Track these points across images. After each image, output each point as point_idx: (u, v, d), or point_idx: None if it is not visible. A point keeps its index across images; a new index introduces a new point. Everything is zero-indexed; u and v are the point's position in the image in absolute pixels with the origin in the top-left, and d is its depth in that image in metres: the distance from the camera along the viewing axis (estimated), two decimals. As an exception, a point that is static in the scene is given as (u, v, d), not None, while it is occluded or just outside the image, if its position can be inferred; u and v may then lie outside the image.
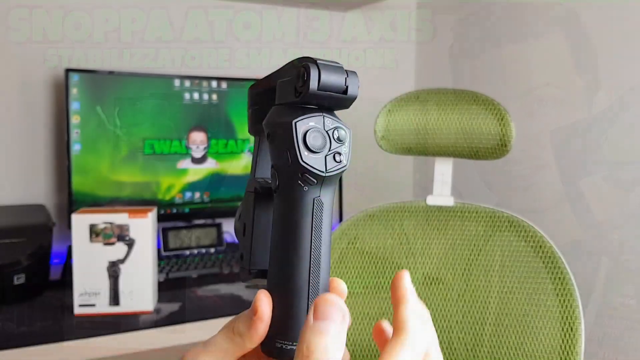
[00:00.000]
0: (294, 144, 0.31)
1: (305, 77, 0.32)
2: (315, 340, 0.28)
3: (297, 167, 0.32)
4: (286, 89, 0.33)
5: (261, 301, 0.31)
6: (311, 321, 0.29)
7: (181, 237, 1.48)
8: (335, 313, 0.28)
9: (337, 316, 0.28)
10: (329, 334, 0.28)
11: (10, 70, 1.43)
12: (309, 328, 0.28)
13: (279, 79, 0.34)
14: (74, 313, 1.08)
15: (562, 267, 0.88)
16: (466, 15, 1.68)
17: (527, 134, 1.44)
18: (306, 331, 0.28)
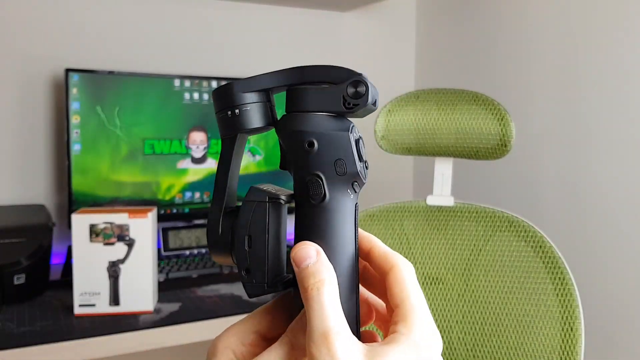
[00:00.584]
0: (350, 153, 0.33)
1: (364, 90, 0.33)
2: (303, 279, 0.31)
3: (352, 176, 0.33)
4: (326, 99, 0.34)
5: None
6: (297, 270, 0.32)
7: (181, 237, 1.48)
8: (308, 251, 0.32)
9: (312, 252, 0.32)
10: (309, 267, 0.32)
11: (10, 70, 1.43)
12: (297, 275, 0.32)
13: (290, 84, 0.35)
14: (74, 313, 1.08)
15: (562, 267, 0.88)
16: (466, 15, 1.68)
17: (527, 134, 1.44)
18: (297, 278, 0.32)
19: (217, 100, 0.35)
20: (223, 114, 0.35)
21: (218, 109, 0.35)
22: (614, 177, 1.24)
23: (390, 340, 0.31)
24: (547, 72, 1.41)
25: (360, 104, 0.33)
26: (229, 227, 0.34)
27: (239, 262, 0.34)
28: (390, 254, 0.34)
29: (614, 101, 1.24)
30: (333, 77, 0.34)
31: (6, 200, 1.43)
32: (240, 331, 0.34)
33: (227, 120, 0.35)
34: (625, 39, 1.22)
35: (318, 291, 0.31)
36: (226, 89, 0.34)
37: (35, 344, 0.97)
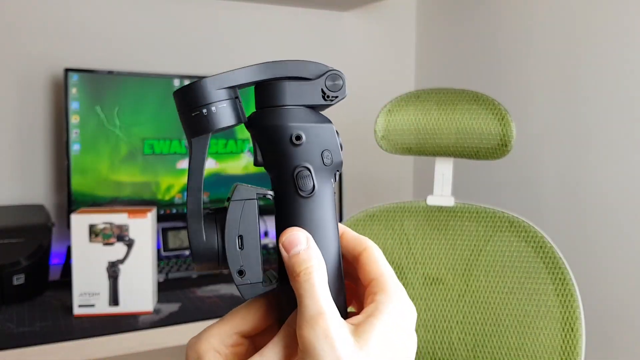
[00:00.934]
0: (336, 144, 0.34)
1: (341, 82, 0.35)
2: (294, 265, 0.32)
3: (337, 166, 0.34)
4: (305, 92, 0.34)
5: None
6: (286, 257, 0.32)
7: (181, 237, 1.48)
8: (298, 237, 0.33)
9: (302, 238, 0.32)
10: (300, 253, 0.32)
11: (10, 69, 1.43)
12: (286, 261, 0.32)
13: (264, 79, 0.34)
14: (74, 313, 1.07)
15: (562, 267, 0.88)
16: (466, 15, 1.68)
17: (528, 134, 1.44)
18: (285, 261, 0.33)
19: (186, 99, 0.34)
20: (196, 113, 0.33)
21: (187, 108, 0.34)
22: (614, 177, 1.24)
23: (373, 311, 0.32)
24: (547, 72, 1.41)
25: (339, 96, 0.35)
26: (213, 231, 0.34)
27: (232, 264, 0.33)
28: (361, 237, 0.36)
29: (614, 101, 1.24)
30: (307, 71, 0.35)
31: (5, 200, 1.43)
32: (221, 333, 0.34)
33: (200, 119, 0.33)
34: (626, 39, 1.21)
35: (310, 276, 0.31)
36: (198, 87, 0.33)
37: (35, 344, 0.97)
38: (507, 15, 1.53)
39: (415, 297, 0.96)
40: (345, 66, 1.89)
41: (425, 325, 0.95)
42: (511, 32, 1.52)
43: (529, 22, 1.46)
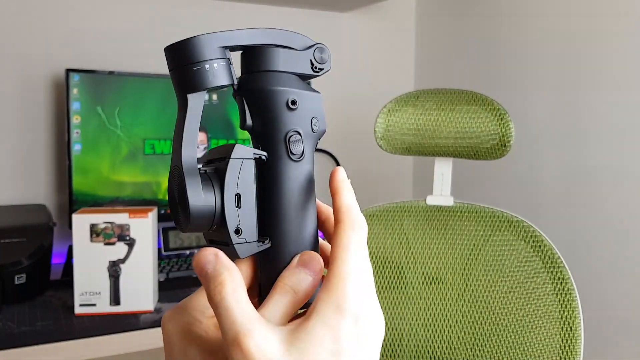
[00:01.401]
0: (323, 113, 0.36)
1: (327, 56, 0.36)
2: (206, 285, 0.30)
3: (321, 133, 0.36)
4: (297, 61, 0.36)
5: (319, 259, 0.33)
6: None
7: (181, 237, 1.48)
8: (206, 257, 0.31)
9: (209, 257, 0.31)
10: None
11: (11, 70, 1.43)
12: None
13: (257, 44, 0.35)
14: (75, 313, 1.08)
15: (561, 267, 0.89)
16: (466, 15, 1.69)
17: (527, 134, 1.44)
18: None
19: (187, 53, 0.33)
20: (197, 68, 0.33)
21: (187, 62, 0.33)
22: (613, 177, 1.25)
23: (310, 312, 0.30)
24: (546, 72, 1.41)
25: (325, 68, 0.36)
26: (210, 189, 0.33)
27: (230, 222, 0.32)
28: (344, 207, 0.34)
29: (613, 101, 1.24)
30: (296, 42, 0.36)
31: (7, 200, 1.43)
32: (200, 304, 0.33)
33: (201, 74, 0.33)
34: (625, 39, 1.22)
35: (220, 294, 0.29)
36: (201, 42, 0.33)
37: (36, 343, 0.98)
38: (507, 16, 1.53)
39: (414, 296, 0.96)
40: (345, 66, 1.89)
41: (425, 324, 0.95)
42: (511, 33, 1.52)
43: (529, 22, 1.46)
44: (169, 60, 0.34)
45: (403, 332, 0.96)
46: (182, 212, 0.32)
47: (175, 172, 0.33)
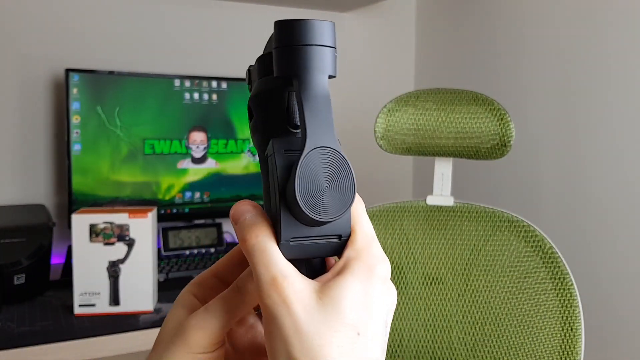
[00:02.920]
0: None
1: None
2: (242, 231, 0.31)
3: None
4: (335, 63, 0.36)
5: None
6: (235, 227, 0.33)
7: (181, 237, 1.48)
8: (245, 206, 0.32)
9: (249, 206, 0.32)
10: (247, 219, 0.32)
11: (11, 70, 1.43)
12: (236, 231, 0.32)
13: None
14: (74, 313, 1.08)
15: (562, 267, 0.88)
16: (466, 15, 1.69)
17: (527, 134, 1.44)
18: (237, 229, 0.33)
19: (330, 33, 0.31)
20: (336, 54, 0.32)
21: (328, 43, 0.31)
22: (613, 177, 1.25)
23: (341, 268, 0.31)
24: (547, 72, 1.41)
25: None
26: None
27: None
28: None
29: (613, 101, 1.24)
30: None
31: (6, 200, 1.43)
32: (202, 276, 0.36)
33: (334, 59, 0.31)
34: (625, 39, 1.22)
35: (257, 238, 0.30)
36: (333, 27, 0.31)
37: (36, 344, 0.97)
38: (507, 16, 1.53)
39: (414, 296, 0.96)
40: (345, 66, 1.89)
41: (425, 324, 0.95)
42: (511, 33, 1.52)
43: (529, 22, 1.46)
44: (298, 33, 0.31)
45: (403, 332, 0.96)
46: (337, 196, 0.30)
47: (325, 154, 0.30)
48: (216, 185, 1.54)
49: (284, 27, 0.31)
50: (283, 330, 0.28)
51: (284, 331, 0.28)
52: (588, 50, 1.30)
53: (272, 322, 0.29)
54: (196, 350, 0.32)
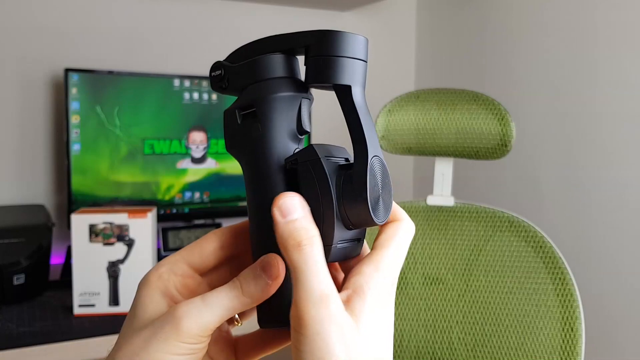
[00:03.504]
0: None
1: None
2: (292, 232, 0.30)
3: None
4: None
5: (281, 265, 0.32)
6: (282, 222, 0.31)
7: (181, 237, 1.48)
8: (295, 203, 0.31)
9: (299, 204, 0.31)
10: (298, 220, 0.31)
11: (10, 69, 1.43)
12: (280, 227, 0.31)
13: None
14: (74, 313, 1.07)
15: (562, 267, 0.88)
16: (466, 15, 1.68)
17: (527, 134, 1.44)
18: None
19: (361, 47, 0.33)
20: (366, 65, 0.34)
21: (365, 57, 0.33)
22: (614, 177, 1.24)
23: (364, 291, 0.31)
24: (547, 72, 1.41)
25: None
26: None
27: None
28: (400, 209, 0.35)
29: (613, 101, 1.24)
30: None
31: (6, 201, 1.43)
32: (171, 262, 0.35)
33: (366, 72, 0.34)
34: (626, 39, 1.22)
35: (312, 249, 0.29)
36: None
37: (35, 344, 0.97)
38: (507, 16, 1.53)
39: (415, 296, 0.96)
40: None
41: (425, 324, 0.95)
42: (511, 33, 1.52)
43: (529, 22, 1.46)
44: (358, 48, 0.33)
45: (403, 332, 0.95)
46: (386, 201, 0.32)
47: (380, 163, 0.32)
48: (216, 185, 1.53)
49: (346, 39, 0.32)
50: (330, 347, 0.28)
51: (332, 348, 0.28)
52: (588, 50, 1.30)
53: (316, 337, 0.28)
54: (187, 341, 0.31)
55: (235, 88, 0.35)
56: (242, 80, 0.34)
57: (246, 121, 0.34)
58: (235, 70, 0.35)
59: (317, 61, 0.32)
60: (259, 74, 0.34)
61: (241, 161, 0.34)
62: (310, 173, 0.32)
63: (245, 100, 0.34)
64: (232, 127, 0.34)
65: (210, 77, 0.35)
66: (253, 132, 0.34)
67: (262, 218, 0.33)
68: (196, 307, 0.31)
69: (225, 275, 0.36)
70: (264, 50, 0.34)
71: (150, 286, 0.35)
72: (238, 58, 0.35)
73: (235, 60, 0.35)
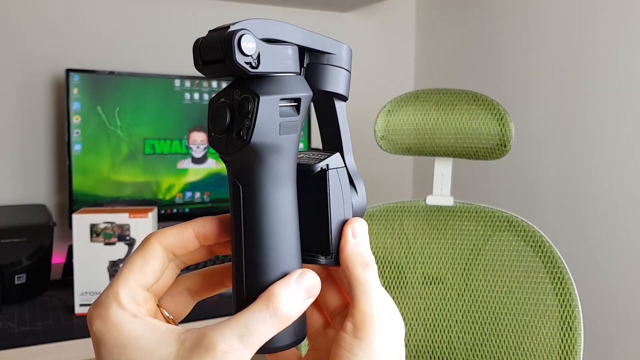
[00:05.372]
0: None
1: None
2: (361, 254, 0.33)
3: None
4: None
5: (318, 280, 0.32)
6: (352, 242, 0.33)
7: (181, 237, 1.48)
8: (365, 228, 0.35)
9: (366, 229, 0.35)
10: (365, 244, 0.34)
11: (11, 70, 1.43)
12: (351, 247, 0.33)
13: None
14: (75, 313, 1.08)
15: (561, 266, 0.89)
16: (466, 15, 1.69)
17: (527, 134, 1.44)
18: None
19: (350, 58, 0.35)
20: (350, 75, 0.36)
21: (349, 68, 0.36)
22: (613, 177, 1.25)
23: (366, 329, 0.31)
24: (546, 72, 1.41)
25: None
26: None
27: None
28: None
29: (613, 101, 1.24)
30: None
31: (7, 200, 1.43)
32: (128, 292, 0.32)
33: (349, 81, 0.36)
34: (625, 39, 1.22)
35: (375, 269, 0.32)
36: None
37: (36, 343, 0.98)
38: (507, 16, 1.53)
39: (414, 296, 0.96)
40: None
41: (425, 324, 0.95)
42: (511, 33, 1.52)
43: (529, 22, 1.46)
44: (348, 61, 0.35)
45: (403, 332, 0.96)
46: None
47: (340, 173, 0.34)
48: (216, 185, 1.54)
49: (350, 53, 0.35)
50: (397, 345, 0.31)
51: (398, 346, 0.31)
52: (588, 49, 1.30)
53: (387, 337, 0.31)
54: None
55: (262, 72, 0.29)
56: (276, 66, 0.30)
57: (285, 115, 0.30)
58: (270, 51, 0.30)
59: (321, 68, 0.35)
60: (296, 65, 0.32)
61: (260, 160, 0.30)
62: (338, 180, 0.33)
63: (289, 91, 0.30)
64: (268, 118, 0.29)
65: (236, 48, 0.28)
66: (289, 129, 0.30)
67: (283, 231, 0.32)
68: (241, 338, 0.28)
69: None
70: (295, 38, 0.32)
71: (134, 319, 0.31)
72: (263, 34, 0.30)
73: (265, 39, 0.30)
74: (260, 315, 0.29)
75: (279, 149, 0.30)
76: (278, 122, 0.30)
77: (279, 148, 0.30)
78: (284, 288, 0.30)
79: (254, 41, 0.28)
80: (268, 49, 0.29)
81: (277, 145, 0.30)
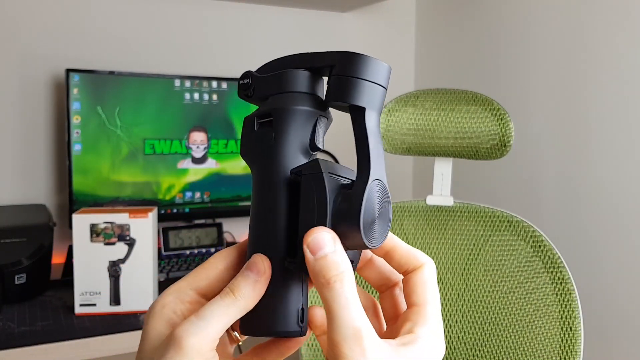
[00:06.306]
0: None
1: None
2: (322, 269, 0.31)
3: None
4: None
5: (266, 262, 0.33)
6: (311, 259, 0.31)
7: (181, 237, 1.48)
8: (325, 238, 0.31)
9: (330, 239, 0.31)
10: (328, 256, 0.31)
11: (11, 70, 1.43)
12: (311, 263, 0.31)
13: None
14: (75, 313, 1.08)
15: (561, 266, 0.89)
16: (466, 15, 1.69)
17: (527, 134, 1.44)
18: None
19: (383, 74, 0.35)
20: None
21: (383, 84, 0.35)
22: (613, 177, 1.25)
23: (411, 341, 0.32)
24: (546, 72, 1.41)
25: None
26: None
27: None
28: (417, 253, 0.35)
29: (613, 101, 1.24)
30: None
31: (7, 200, 1.43)
32: (178, 289, 0.34)
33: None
34: (625, 39, 1.22)
35: (342, 285, 0.30)
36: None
37: (36, 343, 0.98)
38: (507, 16, 1.53)
39: (414, 296, 0.96)
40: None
41: (425, 324, 0.95)
42: (510, 33, 1.52)
43: (529, 22, 1.46)
44: (384, 76, 0.34)
45: (403, 332, 0.96)
46: (382, 227, 0.32)
47: (380, 186, 0.33)
48: (216, 185, 1.54)
49: (369, 63, 0.33)
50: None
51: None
52: (588, 50, 1.30)
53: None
54: (194, 358, 0.31)
55: (259, 97, 0.35)
56: (266, 91, 0.35)
57: (262, 129, 0.34)
58: (261, 80, 0.35)
59: (339, 80, 0.33)
60: (282, 86, 0.34)
61: (252, 168, 0.35)
62: (311, 186, 0.32)
63: (265, 109, 0.34)
64: (249, 134, 0.35)
65: (238, 84, 0.36)
66: (267, 141, 0.34)
67: (262, 226, 0.33)
68: (192, 323, 0.31)
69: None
70: (292, 65, 0.35)
71: (154, 317, 0.34)
72: (267, 70, 0.35)
73: (264, 72, 0.35)
74: (219, 299, 0.32)
75: (260, 159, 0.35)
76: (257, 137, 0.35)
77: (260, 158, 0.35)
78: (237, 274, 0.33)
79: (249, 77, 0.36)
80: (260, 80, 0.36)
81: (258, 156, 0.35)
